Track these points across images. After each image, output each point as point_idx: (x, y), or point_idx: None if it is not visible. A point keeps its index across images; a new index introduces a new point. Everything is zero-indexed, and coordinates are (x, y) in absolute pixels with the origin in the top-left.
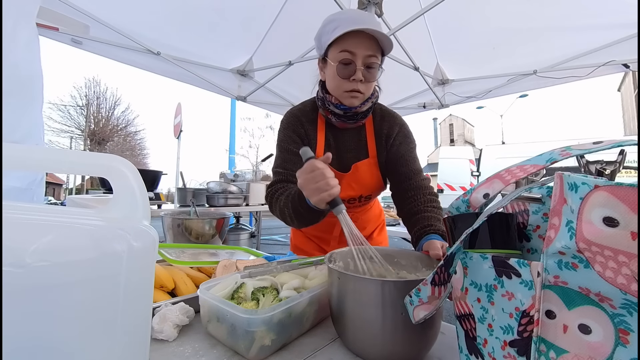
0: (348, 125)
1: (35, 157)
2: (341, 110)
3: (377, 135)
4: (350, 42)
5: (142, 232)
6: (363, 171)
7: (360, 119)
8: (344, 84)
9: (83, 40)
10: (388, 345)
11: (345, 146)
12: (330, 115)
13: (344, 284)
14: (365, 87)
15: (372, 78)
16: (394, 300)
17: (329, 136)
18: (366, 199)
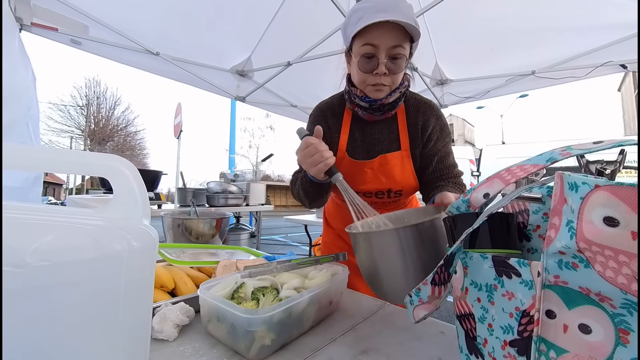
0: (377, 118)
1: (35, 157)
2: (367, 103)
3: (410, 127)
4: (373, 34)
5: (143, 232)
6: (393, 164)
7: (389, 110)
8: (368, 78)
9: (82, 41)
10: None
11: (373, 139)
12: (357, 109)
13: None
14: (391, 79)
15: (397, 70)
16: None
17: (354, 129)
18: (396, 194)
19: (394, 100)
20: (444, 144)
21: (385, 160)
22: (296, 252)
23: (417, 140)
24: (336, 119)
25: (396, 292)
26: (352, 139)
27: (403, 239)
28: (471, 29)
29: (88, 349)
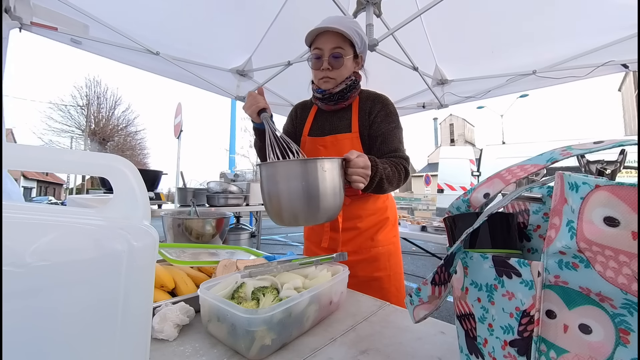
0: (332, 107)
1: (35, 156)
2: (319, 94)
3: (360, 114)
4: (319, 39)
5: (143, 232)
6: (344, 143)
7: (339, 100)
8: (318, 74)
9: (82, 40)
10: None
11: (331, 125)
12: (317, 101)
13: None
14: (335, 73)
15: (338, 65)
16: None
17: (318, 117)
18: None
19: (340, 90)
20: (388, 128)
21: (336, 139)
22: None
23: (365, 123)
24: (305, 112)
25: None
26: (315, 126)
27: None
28: (471, 29)
29: (88, 349)
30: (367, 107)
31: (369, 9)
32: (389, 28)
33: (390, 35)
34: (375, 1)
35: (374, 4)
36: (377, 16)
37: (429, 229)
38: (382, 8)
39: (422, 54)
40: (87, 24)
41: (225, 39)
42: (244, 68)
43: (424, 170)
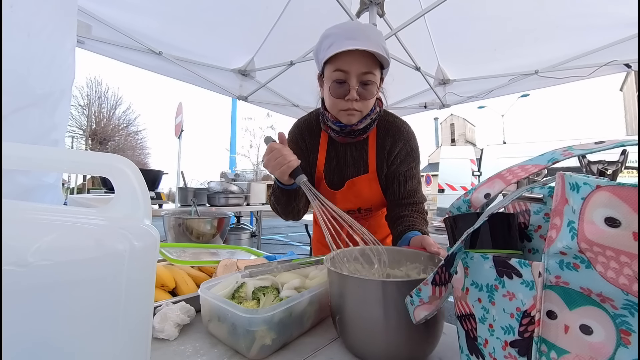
0: (349, 141)
1: (36, 156)
2: (338, 127)
3: (378, 150)
4: (344, 60)
5: (144, 232)
6: (361, 186)
7: (360, 135)
8: (339, 103)
9: (85, 40)
10: (391, 347)
11: (345, 160)
12: (330, 131)
13: (344, 285)
14: (362, 104)
15: (368, 95)
16: (396, 300)
17: (330, 150)
18: (367, 211)
19: (365, 126)
20: (408, 168)
21: (353, 184)
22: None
23: (383, 163)
24: (314, 139)
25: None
26: (329, 159)
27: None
28: (474, 29)
29: (89, 349)
30: (387, 145)
31: (372, 9)
32: (392, 28)
33: (393, 35)
34: (378, 1)
35: (377, 4)
36: (380, 16)
37: (430, 229)
38: (385, 8)
39: (424, 53)
40: (90, 23)
41: (228, 39)
42: (247, 68)
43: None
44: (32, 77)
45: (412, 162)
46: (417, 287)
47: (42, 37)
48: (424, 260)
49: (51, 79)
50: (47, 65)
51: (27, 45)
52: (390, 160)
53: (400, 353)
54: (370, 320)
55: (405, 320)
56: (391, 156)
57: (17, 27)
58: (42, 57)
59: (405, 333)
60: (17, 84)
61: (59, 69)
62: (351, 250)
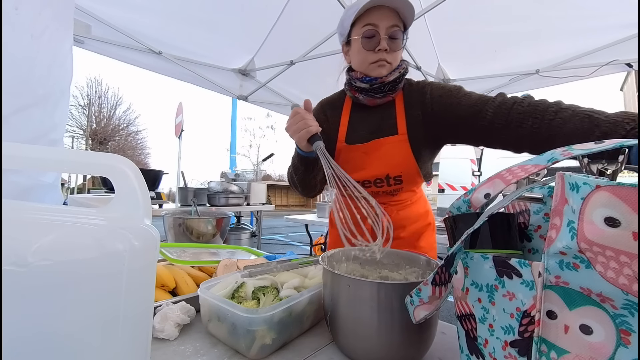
0: (377, 101)
1: (37, 156)
2: (367, 83)
3: (407, 110)
4: (372, 16)
5: (144, 232)
6: (388, 148)
7: (389, 92)
8: (370, 56)
9: (85, 40)
10: (383, 349)
11: (372, 125)
12: (358, 94)
13: (338, 286)
14: (391, 56)
15: (396, 47)
16: (389, 303)
17: (354, 117)
18: (396, 180)
19: (394, 80)
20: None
21: (379, 144)
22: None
23: (415, 121)
24: (335, 111)
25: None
26: (352, 128)
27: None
28: (474, 28)
29: (89, 348)
30: (413, 100)
31: None
32: None
33: None
34: None
35: None
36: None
37: None
38: None
39: (424, 53)
40: (90, 23)
41: (229, 39)
42: (247, 67)
43: None
44: (34, 77)
45: (451, 89)
46: (417, 287)
47: (44, 38)
48: (422, 264)
49: (52, 79)
50: (48, 65)
51: (30, 46)
52: (427, 109)
53: (393, 356)
54: (363, 323)
55: (399, 323)
56: (425, 105)
57: (21, 28)
58: (43, 58)
59: (398, 336)
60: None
61: (59, 69)
62: (349, 250)
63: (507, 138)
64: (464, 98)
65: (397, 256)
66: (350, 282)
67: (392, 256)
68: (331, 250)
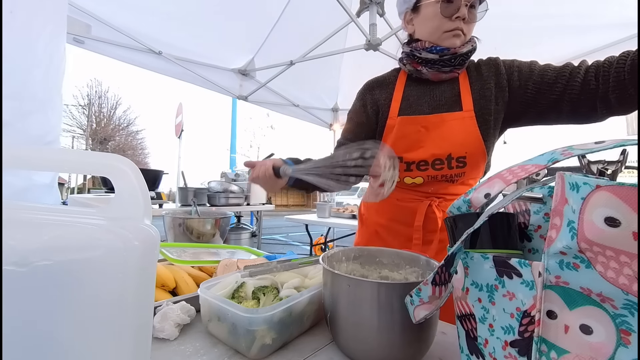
0: (442, 76)
1: (37, 156)
2: (436, 54)
3: (473, 85)
4: None
5: (144, 232)
6: (452, 125)
7: (457, 67)
8: (445, 24)
9: (85, 40)
10: (383, 349)
11: (432, 100)
12: (421, 66)
13: (337, 285)
14: (467, 27)
15: (474, 18)
16: (389, 303)
17: (409, 91)
18: (459, 162)
19: (466, 52)
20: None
21: (441, 119)
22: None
23: (487, 96)
24: (385, 89)
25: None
26: (406, 103)
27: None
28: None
29: (89, 348)
30: (485, 73)
31: (372, 8)
32: (392, 27)
33: (393, 35)
34: (378, 0)
35: (377, 3)
36: (380, 15)
37: None
38: (385, 7)
39: None
40: (90, 23)
41: (229, 39)
42: (247, 67)
43: None
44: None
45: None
46: (417, 287)
47: (40, 40)
48: (422, 264)
49: (50, 82)
50: (45, 67)
51: (28, 49)
52: (502, 84)
53: (393, 356)
54: (363, 323)
55: (399, 322)
56: (500, 77)
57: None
58: (41, 61)
59: (398, 335)
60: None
61: (56, 71)
62: (350, 250)
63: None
64: (545, 65)
65: (398, 256)
66: (350, 282)
67: (392, 256)
68: (331, 250)
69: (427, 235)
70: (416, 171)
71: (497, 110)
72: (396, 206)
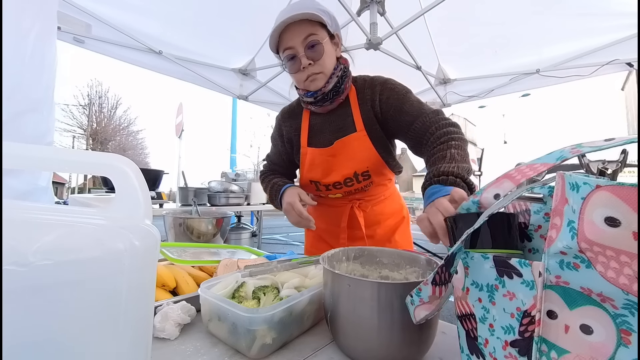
0: (329, 107)
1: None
2: (311, 97)
3: (362, 106)
4: (285, 38)
5: (144, 231)
6: (351, 146)
7: (335, 97)
8: (299, 76)
9: (85, 39)
10: (383, 349)
11: (332, 127)
12: (310, 105)
13: (338, 285)
14: (318, 66)
15: (317, 56)
16: (389, 303)
17: (314, 122)
18: (364, 176)
19: (334, 86)
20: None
21: (342, 144)
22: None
23: (369, 116)
24: (295, 120)
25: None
26: (312, 132)
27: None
28: (475, 27)
29: (90, 348)
30: (367, 97)
31: (372, 8)
32: (392, 27)
33: (393, 34)
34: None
35: (377, 2)
36: (381, 15)
37: None
38: (385, 7)
39: (425, 52)
40: (90, 23)
41: (229, 39)
42: (247, 67)
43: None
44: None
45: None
46: (417, 287)
47: (30, 37)
48: (422, 264)
49: (44, 81)
50: (38, 66)
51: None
52: (376, 109)
53: (393, 355)
54: (363, 322)
55: (399, 322)
56: (375, 102)
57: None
58: (32, 60)
59: (398, 335)
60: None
61: (48, 70)
62: (350, 250)
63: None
64: (406, 105)
65: (398, 256)
66: (350, 282)
67: (392, 256)
68: (332, 250)
69: (353, 233)
70: (334, 190)
71: (380, 128)
72: (329, 211)
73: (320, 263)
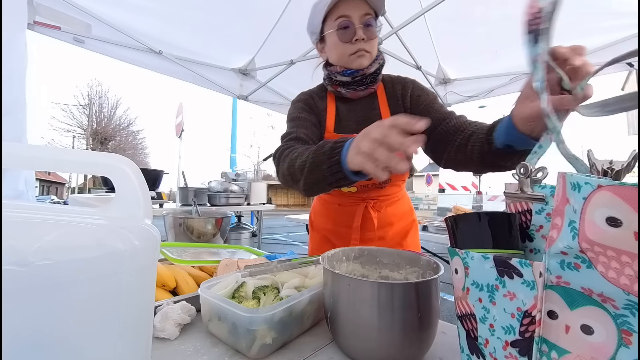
0: (360, 94)
1: (38, 156)
2: (348, 76)
3: (390, 100)
4: (342, 7)
5: (144, 231)
6: None
7: (370, 84)
8: (348, 48)
9: (85, 39)
10: (383, 349)
11: (357, 117)
12: (340, 88)
13: (338, 285)
14: (370, 45)
15: (373, 35)
16: (390, 302)
17: (340, 107)
18: None
19: (375, 70)
20: (429, 99)
21: None
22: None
23: (399, 112)
24: (321, 100)
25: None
26: (338, 116)
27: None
28: (474, 28)
29: (90, 348)
30: (397, 92)
31: None
32: (392, 27)
33: (394, 34)
34: None
35: None
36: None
37: (430, 229)
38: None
39: (425, 52)
40: (90, 23)
41: (229, 39)
42: (247, 67)
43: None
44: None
45: (430, 95)
46: None
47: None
48: (422, 264)
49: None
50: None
51: None
52: (406, 102)
53: (393, 356)
54: (363, 323)
55: (399, 322)
56: (406, 97)
57: None
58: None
59: (398, 335)
60: None
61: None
62: (350, 250)
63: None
64: (436, 104)
65: (398, 256)
66: (350, 282)
67: (392, 256)
68: (332, 250)
69: (365, 234)
70: None
71: None
72: (338, 211)
73: (320, 263)
